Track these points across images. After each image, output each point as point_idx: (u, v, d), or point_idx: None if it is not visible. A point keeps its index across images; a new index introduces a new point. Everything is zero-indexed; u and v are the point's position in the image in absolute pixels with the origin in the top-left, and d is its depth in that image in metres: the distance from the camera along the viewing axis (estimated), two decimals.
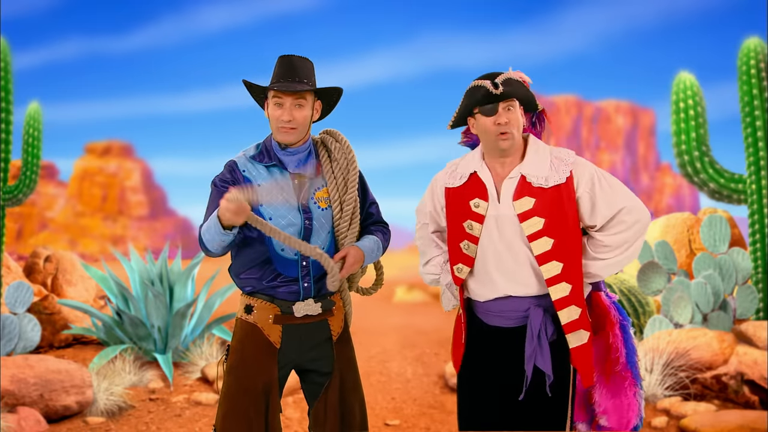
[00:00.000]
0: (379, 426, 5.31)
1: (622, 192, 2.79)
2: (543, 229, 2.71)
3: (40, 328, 6.27)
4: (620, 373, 2.86)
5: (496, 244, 2.78)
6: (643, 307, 6.62)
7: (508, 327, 2.80)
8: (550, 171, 2.75)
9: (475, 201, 2.80)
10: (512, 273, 2.76)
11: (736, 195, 6.68)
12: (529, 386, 2.75)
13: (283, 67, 2.84)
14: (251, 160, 2.88)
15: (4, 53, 7.18)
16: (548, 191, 2.73)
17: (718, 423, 4.89)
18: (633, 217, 2.76)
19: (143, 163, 59.27)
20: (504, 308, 2.80)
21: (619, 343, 2.86)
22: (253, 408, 2.80)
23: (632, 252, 2.80)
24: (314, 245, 2.77)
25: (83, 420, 5.26)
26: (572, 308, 2.72)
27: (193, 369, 6.34)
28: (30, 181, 7.36)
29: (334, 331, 2.92)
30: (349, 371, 2.94)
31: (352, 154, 2.97)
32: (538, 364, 2.72)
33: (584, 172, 2.77)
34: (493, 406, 2.83)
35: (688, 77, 6.84)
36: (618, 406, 2.86)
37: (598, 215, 2.76)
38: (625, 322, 2.90)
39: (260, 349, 2.84)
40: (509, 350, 2.79)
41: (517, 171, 2.78)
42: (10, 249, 19.59)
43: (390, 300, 16.18)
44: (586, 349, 2.75)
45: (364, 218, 3.03)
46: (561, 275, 2.71)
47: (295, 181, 2.86)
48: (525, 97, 2.78)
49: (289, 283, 2.84)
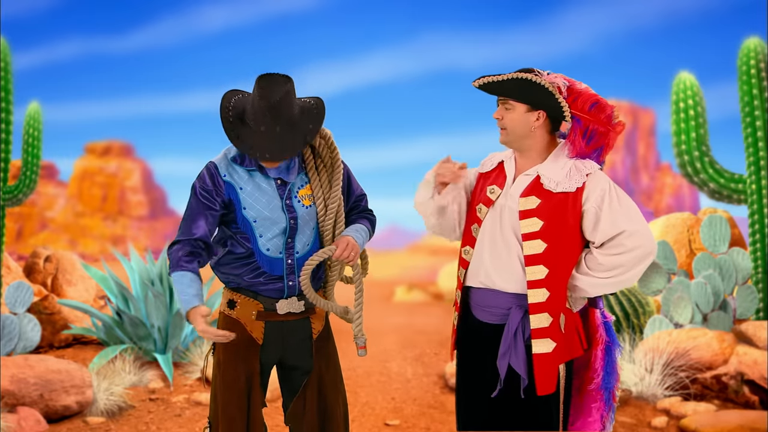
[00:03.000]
0: (379, 426, 5.31)
1: (630, 215, 2.73)
2: (539, 231, 2.72)
3: (40, 328, 6.27)
4: (591, 393, 2.85)
5: (495, 231, 2.80)
6: (643, 307, 6.61)
7: (493, 323, 2.82)
8: (565, 178, 2.74)
9: (492, 187, 2.84)
10: (502, 264, 2.78)
11: (736, 195, 6.68)
12: (507, 385, 2.75)
13: (263, 110, 2.64)
14: (232, 162, 2.81)
15: (4, 53, 7.18)
16: (555, 196, 2.74)
17: (718, 423, 4.89)
18: (633, 243, 2.70)
19: (143, 163, 59.24)
20: (491, 303, 2.82)
21: (599, 365, 2.84)
22: (235, 404, 2.81)
23: (627, 278, 2.73)
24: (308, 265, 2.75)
25: (83, 420, 5.26)
26: (544, 315, 2.71)
27: (193, 369, 6.34)
28: (30, 181, 7.36)
29: (315, 329, 2.92)
30: (328, 369, 2.93)
31: (337, 151, 2.89)
32: (512, 363, 2.73)
33: (597, 186, 2.74)
34: (482, 402, 2.84)
35: (688, 77, 6.84)
36: (585, 425, 2.87)
37: (599, 232, 2.72)
38: (611, 344, 2.87)
39: (242, 345, 2.84)
40: (494, 347, 2.80)
41: (534, 170, 2.80)
42: (10, 249, 19.58)
43: (390, 300, 16.18)
44: (548, 358, 2.72)
45: (351, 209, 3.00)
46: (544, 281, 2.71)
47: (277, 181, 2.82)
48: (519, 98, 2.76)
49: (273, 281, 2.83)
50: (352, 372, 6.76)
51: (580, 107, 2.75)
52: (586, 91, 2.79)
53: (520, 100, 2.77)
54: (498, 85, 2.77)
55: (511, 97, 2.78)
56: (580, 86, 2.79)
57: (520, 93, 2.76)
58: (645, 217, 2.78)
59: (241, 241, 2.82)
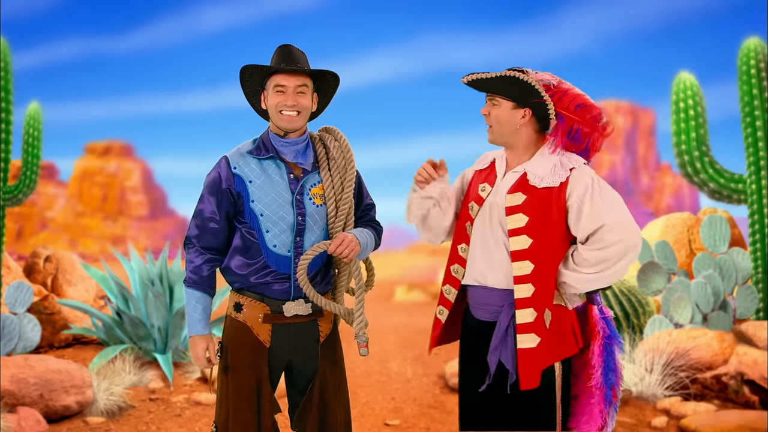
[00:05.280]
0: (379, 426, 5.31)
1: (612, 208, 2.73)
2: (525, 227, 2.74)
3: (40, 328, 6.27)
4: (590, 390, 2.85)
5: (486, 229, 2.82)
6: (643, 307, 6.61)
7: (488, 320, 2.83)
8: (549, 173, 2.77)
9: (483, 185, 2.86)
10: (493, 261, 2.80)
11: (736, 195, 6.68)
12: (499, 381, 2.76)
13: (283, 54, 2.83)
14: (246, 155, 2.85)
15: (4, 53, 7.18)
16: (539, 192, 2.76)
17: (718, 423, 4.89)
18: (614, 237, 2.69)
19: (143, 163, 59.32)
20: (485, 300, 2.83)
21: (597, 361, 2.83)
22: (245, 408, 2.80)
23: (613, 273, 2.72)
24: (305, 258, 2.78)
25: (83, 420, 5.26)
26: (529, 311, 2.71)
27: (193, 369, 6.34)
28: (30, 181, 7.36)
29: (323, 333, 2.91)
30: (333, 373, 2.92)
31: (351, 153, 2.92)
32: (502, 359, 2.74)
33: (580, 180, 2.75)
34: (479, 400, 2.85)
35: (688, 77, 6.84)
36: (584, 422, 2.86)
37: (580, 227, 2.73)
38: (610, 340, 2.86)
39: (250, 349, 2.83)
40: (488, 344, 2.81)
41: (522, 167, 2.83)
42: (10, 249, 19.58)
43: (390, 300, 16.19)
44: (532, 353, 2.72)
45: (359, 217, 3.01)
46: (529, 276, 2.72)
47: (290, 175, 2.84)
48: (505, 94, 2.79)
49: (281, 281, 2.82)
50: (352, 372, 6.76)
51: (566, 106, 2.78)
52: (572, 90, 2.80)
53: (506, 97, 2.80)
54: (485, 82, 2.81)
55: (497, 93, 2.81)
56: (566, 86, 2.81)
57: (506, 89, 2.79)
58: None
59: (247, 236, 2.82)
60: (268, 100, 2.84)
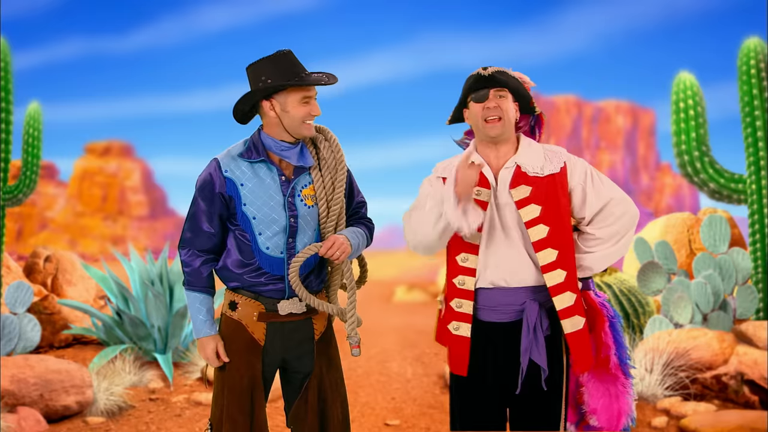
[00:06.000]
0: (379, 426, 5.31)
1: (610, 185, 2.89)
2: (539, 216, 2.77)
3: (40, 328, 6.27)
4: (611, 372, 2.87)
5: (497, 231, 2.82)
6: (643, 307, 6.62)
7: (502, 322, 2.82)
8: (545, 161, 2.84)
9: (478, 190, 2.82)
10: (512, 261, 2.80)
11: (736, 195, 6.68)
12: (525, 381, 2.77)
13: (293, 63, 2.79)
14: (237, 158, 2.83)
15: (4, 53, 7.18)
16: (544, 180, 2.81)
17: (718, 423, 4.89)
18: (621, 209, 2.85)
19: (143, 163, 59.28)
20: (501, 301, 2.82)
21: (610, 341, 2.88)
22: (237, 406, 2.81)
23: (623, 244, 2.87)
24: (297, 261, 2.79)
25: (83, 420, 5.26)
26: (567, 294, 2.77)
27: (193, 369, 6.34)
28: (30, 181, 7.36)
29: (318, 331, 2.92)
30: (329, 370, 2.93)
31: (341, 153, 2.90)
32: (534, 358, 2.75)
33: (577, 165, 2.87)
34: (489, 404, 2.84)
35: (688, 77, 6.84)
36: (608, 406, 2.87)
37: (587, 207, 2.84)
38: (614, 319, 2.92)
39: (244, 347, 2.84)
40: (503, 346, 2.81)
41: (512, 161, 2.85)
42: (10, 249, 19.57)
43: (390, 300, 16.19)
44: (582, 335, 2.79)
45: (351, 215, 3.00)
46: (556, 262, 2.76)
47: (282, 177, 2.83)
48: (516, 89, 2.85)
49: (274, 281, 2.83)
50: (352, 372, 6.77)
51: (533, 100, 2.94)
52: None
53: (511, 90, 2.85)
54: (503, 75, 2.85)
55: (508, 86, 2.84)
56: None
57: (510, 83, 2.85)
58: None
59: (240, 238, 2.82)
60: (290, 108, 2.77)
